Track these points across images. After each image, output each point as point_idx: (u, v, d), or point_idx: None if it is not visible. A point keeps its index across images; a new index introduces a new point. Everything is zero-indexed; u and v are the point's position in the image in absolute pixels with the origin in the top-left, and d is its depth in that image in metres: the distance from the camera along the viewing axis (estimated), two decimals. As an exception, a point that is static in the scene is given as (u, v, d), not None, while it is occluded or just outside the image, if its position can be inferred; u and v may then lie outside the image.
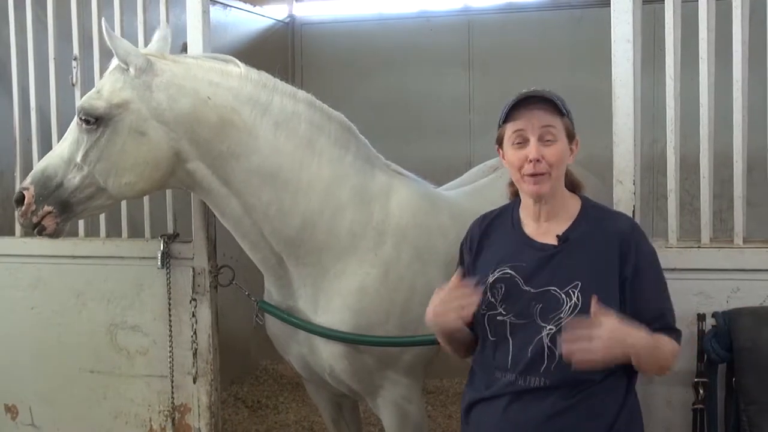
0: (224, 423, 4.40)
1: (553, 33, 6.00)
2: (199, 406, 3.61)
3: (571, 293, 2.33)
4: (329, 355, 3.01)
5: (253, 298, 3.28)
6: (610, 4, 3.06)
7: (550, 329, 2.32)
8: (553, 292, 2.35)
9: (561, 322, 2.30)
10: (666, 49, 3.06)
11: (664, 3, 3.07)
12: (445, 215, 3.18)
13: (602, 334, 2.17)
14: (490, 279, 2.43)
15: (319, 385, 3.33)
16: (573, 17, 5.97)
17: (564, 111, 2.42)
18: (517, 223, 2.52)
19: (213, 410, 3.62)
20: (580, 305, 2.31)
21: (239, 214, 2.97)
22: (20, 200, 2.95)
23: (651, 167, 4.84)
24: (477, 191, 3.63)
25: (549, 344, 2.31)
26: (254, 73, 2.97)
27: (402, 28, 6.37)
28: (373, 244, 2.99)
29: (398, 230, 3.03)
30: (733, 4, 3.01)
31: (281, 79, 3.03)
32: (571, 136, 2.45)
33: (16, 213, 3.01)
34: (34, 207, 2.92)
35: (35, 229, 2.96)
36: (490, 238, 2.55)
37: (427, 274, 3.02)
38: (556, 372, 2.30)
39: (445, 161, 5.73)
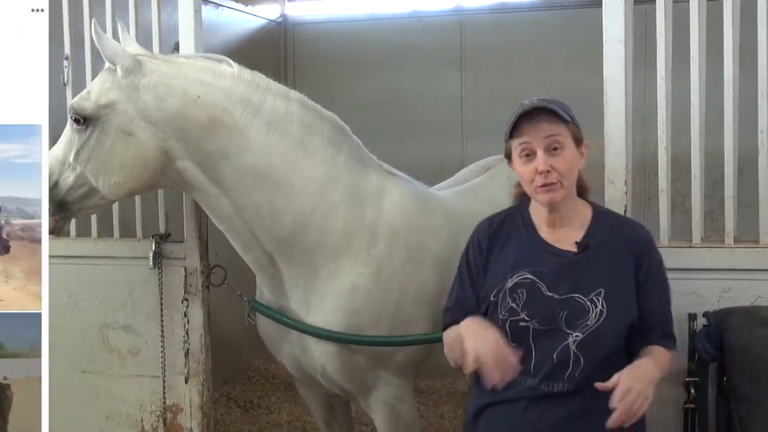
0: (216, 423, 4.39)
1: (545, 33, 6.01)
2: (191, 406, 3.60)
3: (596, 300, 2.35)
4: (321, 355, 3.01)
5: (245, 298, 3.28)
6: (601, 4, 3.07)
7: (577, 336, 2.33)
8: (577, 299, 2.36)
9: (588, 330, 2.33)
10: (657, 50, 3.07)
11: (655, 3, 3.07)
12: (438, 215, 3.18)
13: (632, 385, 2.18)
14: (509, 283, 2.41)
15: (311, 386, 3.33)
16: (565, 17, 5.98)
17: (568, 118, 2.39)
18: (530, 227, 2.50)
19: (205, 410, 3.61)
20: (605, 312, 2.33)
21: (230, 214, 2.96)
22: None
23: (642, 167, 4.84)
24: (470, 191, 3.63)
25: (576, 351, 2.33)
26: (247, 74, 2.96)
27: (394, 28, 6.37)
28: (365, 244, 2.99)
29: (391, 230, 3.03)
30: (724, 5, 3.01)
31: (273, 79, 3.02)
32: (579, 141, 2.44)
33: None
34: None
35: None
36: (500, 240, 2.52)
37: (419, 274, 3.03)
38: (580, 377, 2.32)
39: (438, 161, 5.73)
